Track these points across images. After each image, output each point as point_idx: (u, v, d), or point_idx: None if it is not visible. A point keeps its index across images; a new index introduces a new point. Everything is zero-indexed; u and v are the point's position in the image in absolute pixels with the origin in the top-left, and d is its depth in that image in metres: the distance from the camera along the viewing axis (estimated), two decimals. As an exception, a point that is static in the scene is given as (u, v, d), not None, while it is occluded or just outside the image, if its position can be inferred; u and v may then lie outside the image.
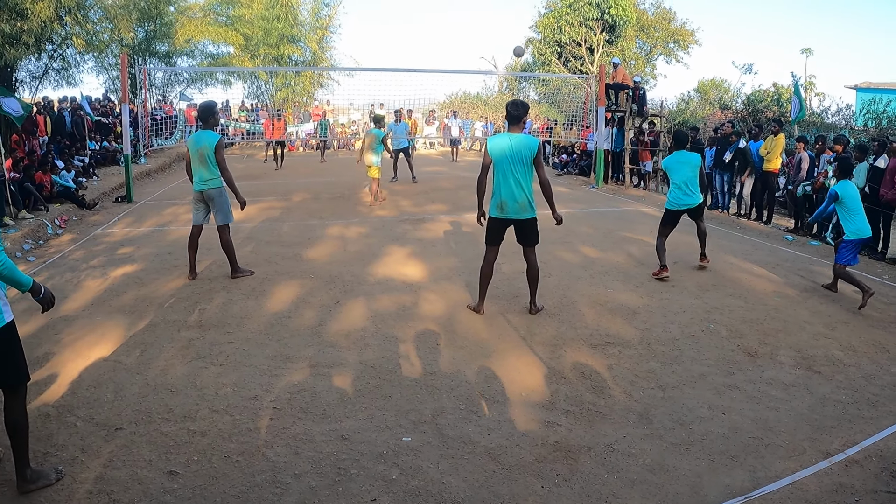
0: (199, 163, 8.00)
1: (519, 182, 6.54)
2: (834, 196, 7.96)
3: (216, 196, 8.09)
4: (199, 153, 7.95)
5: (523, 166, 6.54)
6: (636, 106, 18.88)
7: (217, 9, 31.56)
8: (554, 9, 40.89)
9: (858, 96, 34.57)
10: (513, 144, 6.52)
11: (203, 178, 8.03)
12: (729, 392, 5.28)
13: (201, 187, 8.07)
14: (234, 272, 8.33)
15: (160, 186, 17.92)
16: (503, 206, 6.62)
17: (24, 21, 18.19)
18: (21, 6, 18.04)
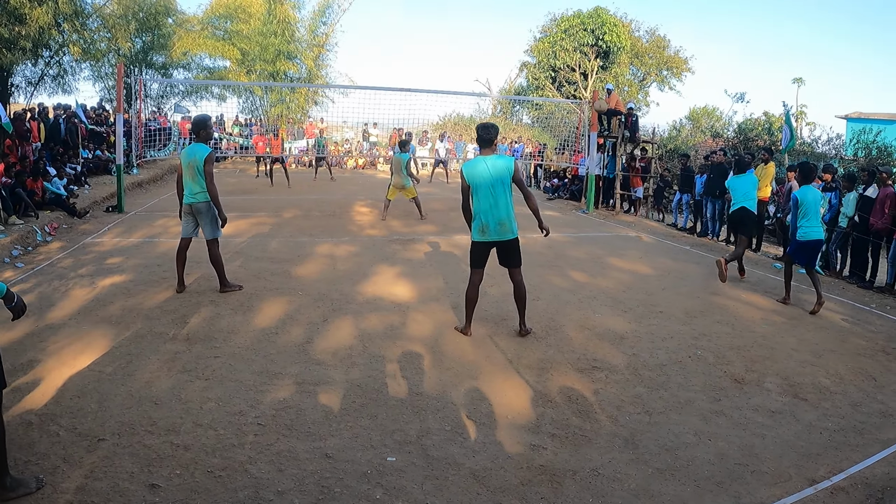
0: (189, 176, 8.01)
1: (499, 203, 6.55)
2: (795, 200, 8.81)
3: (204, 210, 8.07)
4: (190, 166, 7.96)
5: (503, 187, 6.55)
6: (628, 132, 18.99)
7: (215, 22, 31.67)
8: (549, 34, 41.30)
9: (849, 126, 34.86)
10: (489, 167, 6.53)
11: (192, 192, 8.03)
12: (715, 418, 5.28)
13: (190, 200, 8.07)
14: (223, 286, 8.30)
15: (151, 198, 17.88)
16: (485, 230, 6.62)
17: (23, 26, 18.25)
18: (20, 11, 18.10)
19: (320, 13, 33.75)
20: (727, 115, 39.76)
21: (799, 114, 43.98)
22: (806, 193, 8.84)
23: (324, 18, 33.91)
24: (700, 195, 15.51)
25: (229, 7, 30.87)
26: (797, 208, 8.85)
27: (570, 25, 39.51)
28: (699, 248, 13.58)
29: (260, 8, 30.60)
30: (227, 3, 30.92)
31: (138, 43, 28.64)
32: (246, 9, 30.45)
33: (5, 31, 17.90)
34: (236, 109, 33.71)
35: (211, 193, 8.01)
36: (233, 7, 30.76)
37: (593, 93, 19.07)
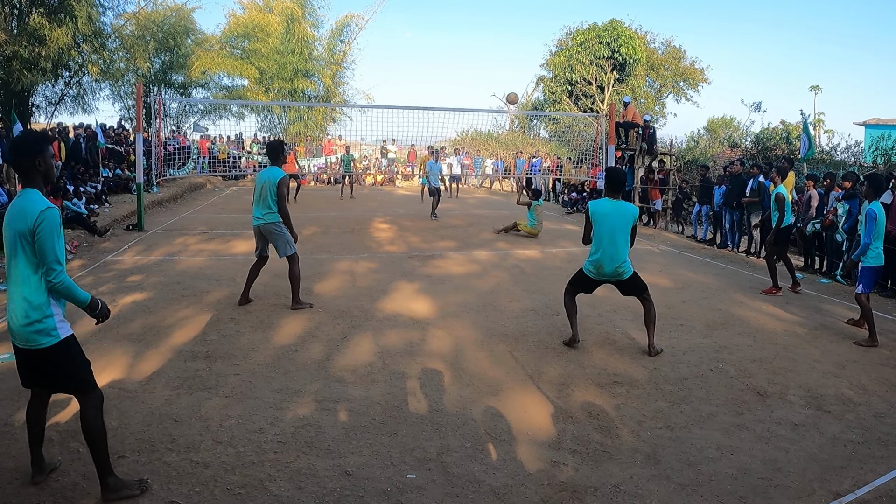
0: (258, 198, 8.25)
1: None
2: (874, 216, 7.79)
3: (274, 230, 8.31)
4: (263, 188, 8.19)
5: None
6: (646, 144, 18.96)
7: (233, 42, 32.05)
8: (565, 47, 41.41)
9: (867, 133, 34.61)
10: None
11: (260, 213, 8.28)
12: (738, 432, 5.23)
13: (258, 223, 8.33)
14: (295, 303, 8.46)
15: (171, 216, 18.03)
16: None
17: (43, 47, 18.49)
18: (40, 32, 18.35)
19: (338, 31, 34.13)
20: (745, 124, 39.70)
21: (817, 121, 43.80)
22: (880, 210, 7.88)
23: (341, 36, 34.30)
24: (719, 206, 15.43)
25: (247, 26, 31.23)
26: (873, 223, 7.79)
27: (586, 39, 39.60)
28: (719, 260, 13.50)
29: (278, 27, 30.91)
30: (246, 23, 31.28)
31: (157, 63, 28.95)
32: (264, 28, 30.78)
33: (25, 52, 18.15)
34: (255, 127, 34.02)
35: (283, 213, 8.23)
36: (251, 26, 31.11)
37: (610, 106, 19.02)
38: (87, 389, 3.99)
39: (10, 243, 3.73)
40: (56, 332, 3.80)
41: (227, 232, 14.78)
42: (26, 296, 3.74)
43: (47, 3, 19.23)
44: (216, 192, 25.89)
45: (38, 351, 3.78)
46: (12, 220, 3.70)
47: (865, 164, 23.01)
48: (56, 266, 3.70)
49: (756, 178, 14.21)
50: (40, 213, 3.64)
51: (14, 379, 5.76)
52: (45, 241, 3.65)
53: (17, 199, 3.78)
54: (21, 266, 3.73)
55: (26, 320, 3.73)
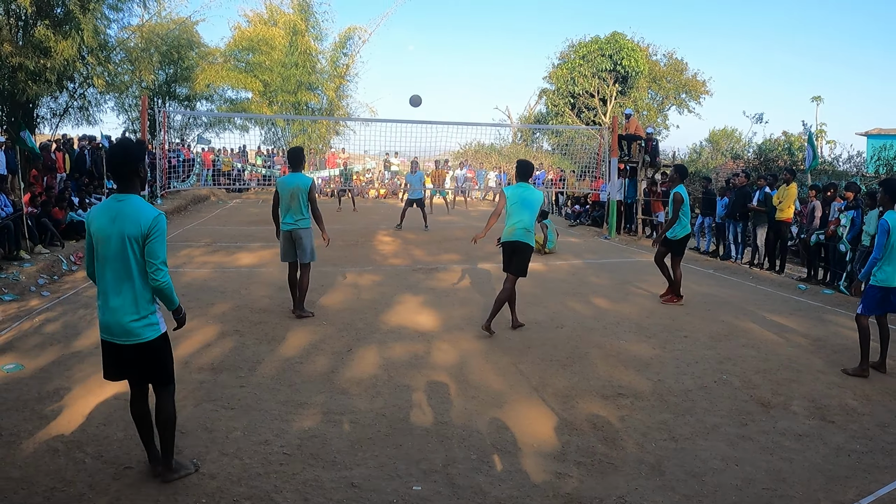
0: (290, 203, 8.44)
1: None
2: (887, 227, 6.88)
3: (304, 236, 8.52)
4: (293, 194, 8.38)
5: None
6: (648, 157, 19.01)
7: (237, 55, 32.16)
8: (567, 60, 41.54)
9: (869, 143, 34.64)
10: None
11: (295, 219, 8.49)
12: (742, 443, 5.25)
13: (291, 227, 8.49)
14: (298, 310, 8.68)
15: (175, 228, 18.02)
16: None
17: (48, 59, 18.57)
18: (45, 44, 18.44)
19: (341, 44, 34.25)
20: (747, 136, 39.73)
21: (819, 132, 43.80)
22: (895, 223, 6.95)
23: (345, 50, 34.42)
24: (722, 218, 15.46)
25: (251, 40, 31.37)
26: (886, 236, 6.92)
27: (588, 51, 39.75)
28: (722, 272, 13.52)
29: (282, 40, 31.05)
30: (250, 36, 31.43)
31: (162, 75, 29.03)
32: (268, 41, 30.92)
33: (31, 64, 18.23)
34: (258, 140, 34.12)
35: (317, 216, 8.63)
36: (255, 39, 31.25)
37: (613, 118, 19.08)
38: (172, 380, 4.39)
39: (114, 246, 4.00)
40: (158, 327, 4.20)
41: (232, 244, 14.81)
42: (134, 293, 4.07)
43: (53, 15, 19.35)
44: (220, 205, 25.92)
45: (142, 344, 4.12)
46: (118, 224, 3.97)
47: (868, 174, 23.05)
48: (164, 267, 4.08)
49: (763, 189, 14.24)
50: (154, 218, 4.00)
51: (19, 389, 5.85)
52: (158, 244, 4.02)
53: (116, 203, 4.03)
54: (127, 266, 4.02)
55: (134, 316, 4.07)
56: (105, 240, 3.99)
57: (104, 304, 4.09)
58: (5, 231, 11.41)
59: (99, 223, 4.00)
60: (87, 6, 18.99)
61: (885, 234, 6.89)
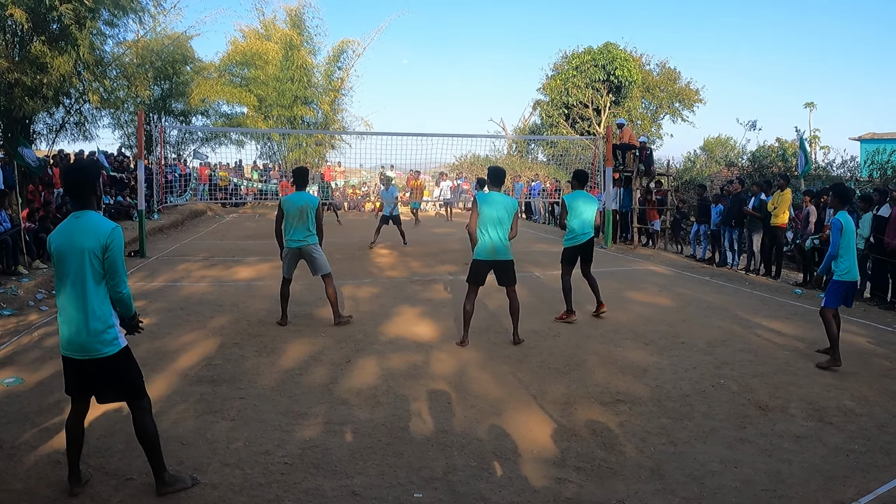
0: (298, 221, 8.62)
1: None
2: (839, 226, 7.43)
3: (315, 251, 8.76)
4: (302, 212, 8.59)
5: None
6: (643, 166, 19.09)
7: (232, 69, 32.24)
8: (561, 71, 41.70)
9: (862, 148, 34.84)
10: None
11: (303, 235, 8.69)
12: (740, 446, 5.28)
13: (299, 244, 8.70)
14: (337, 318, 8.89)
15: (173, 242, 18.11)
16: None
17: (44, 74, 18.60)
18: (41, 60, 18.48)
19: (335, 58, 34.40)
20: (741, 143, 39.94)
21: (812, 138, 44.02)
22: (847, 219, 7.52)
23: (339, 63, 34.56)
24: (717, 225, 15.52)
25: (246, 54, 31.46)
26: (838, 233, 7.45)
27: (582, 62, 39.93)
28: (718, 279, 13.56)
29: (276, 55, 31.13)
30: (244, 51, 31.51)
31: (157, 91, 28.99)
32: (263, 55, 31.00)
33: (28, 80, 18.26)
34: (254, 155, 34.17)
35: (321, 234, 8.88)
36: (249, 54, 31.34)
37: (607, 129, 19.17)
38: (142, 394, 4.36)
39: (73, 261, 4.04)
40: (118, 341, 4.18)
41: (229, 258, 14.84)
42: (93, 308, 4.07)
43: (49, 31, 19.41)
44: (217, 219, 25.99)
45: (102, 360, 4.11)
46: (78, 240, 4.02)
47: (862, 178, 23.16)
48: (125, 278, 4.18)
49: (758, 196, 14.31)
50: (111, 230, 4.07)
51: (19, 402, 5.87)
52: (118, 256, 4.08)
53: (74, 220, 4.10)
54: (87, 281, 4.04)
55: (92, 331, 4.06)
56: (65, 256, 4.04)
57: (64, 319, 4.12)
58: (4, 246, 11.45)
59: (59, 241, 4.07)
60: (83, 22, 19.01)
61: (838, 231, 7.44)
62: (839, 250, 7.49)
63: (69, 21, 18.62)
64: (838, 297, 7.53)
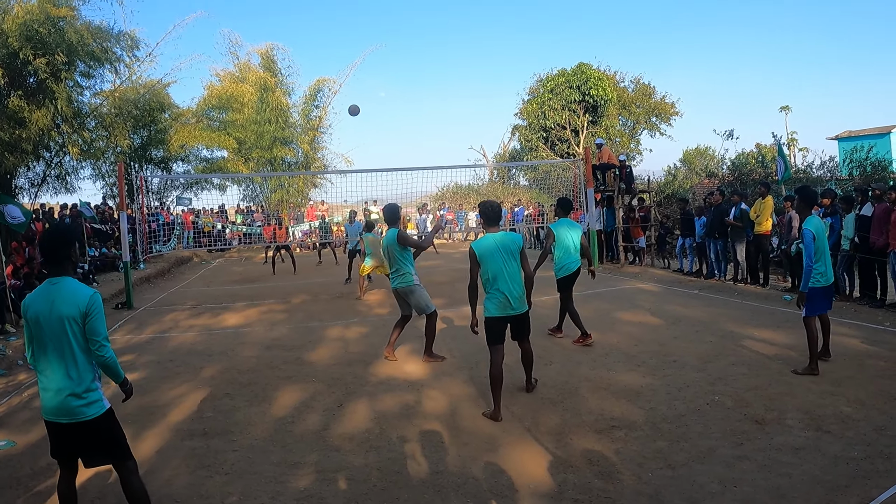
0: (388, 261, 8.89)
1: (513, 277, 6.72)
2: (811, 235, 7.29)
3: (411, 291, 8.85)
4: (389, 250, 8.79)
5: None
6: (624, 184, 19.17)
7: (210, 114, 32.22)
8: (536, 95, 41.92)
9: (840, 147, 35.21)
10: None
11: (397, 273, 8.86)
12: (739, 463, 5.24)
13: (395, 284, 8.93)
14: (428, 355, 8.96)
15: (160, 292, 18.02)
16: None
17: (23, 129, 18.59)
18: (20, 115, 18.47)
19: (312, 97, 34.46)
20: (720, 153, 40.18)
21: (790, 141, 44.37)
22: (817, 224, 7.44)
23: (316, 102, 34.61)
24: (702, 237, 15.56)
25: (221, 98, 31.47)
26: (812, 242, 7.32)
27: (556, 84, 40.19)
28: (707, 291, 13.58)
29: (252, 97, 31.16)
30: (220, 94, 31.53)
31: (136, 139, 28.94)
32: (238, 98, 31.02)
33: (6, 135, 18.24)
34: (237, 198, 34.14)
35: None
36: (225, 98, 31.35)
37: (585, 149, 19.26)
38: (127, 455, 4.37)
39: (53, 328, 4.05)
40: (101, 404, 4.20)
41: (217, 305, 14.77)
42: (74, 374, 4.10)
43: (26, 85, 19.44)
44: (203, 265, 25.93)
45: (85, 423, 4.11)
46: (56, 307, 4.05)
47: (842, 177, 23.33)
48: (107, 342, 4.17)
49: (738, 205, 14.37)
50: (91, 297, 4.10)
51: (12, 466, 5.78)
52: (98, 321, 4.10)
53: (52, 286, 4.14)
54: (67, 347, 4.06)
55: (76, 395, 4.08)
56: (43, 323, 4.06)
57: (46, 385, 4.13)
58: (-11, 305, 11.34)
59: (36, 307, 4.10)
60: (59, 75, 19.07)
61: (811, 240, 7.31)
62: (818, 253, 7.41)
63: (45, 75, 18.67)
64: (819, 304, 7.57)
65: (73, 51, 19.39)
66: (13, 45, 18.10)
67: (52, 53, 18.62)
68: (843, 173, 24.24)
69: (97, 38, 20.59)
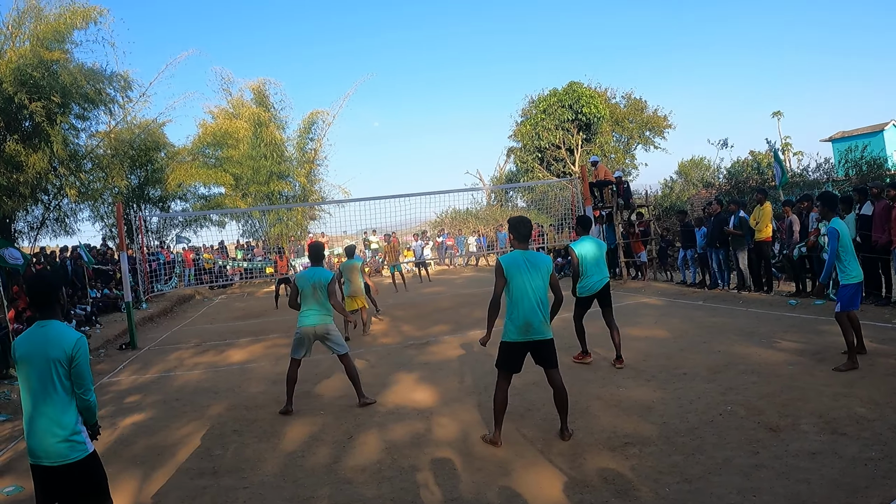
0: (313, 299, 8.45)
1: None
2: (835, 234, 7.67)
3: (331, 330, 8.53)
4: (314, 288, 8.44)
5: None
6: (622, 200, 19.18)
7: (205, 151, 32.26)
8: (529, 116, 42.08)
9: (834, 148, 35.29)
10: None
11: (319, 313, 8.48)
12: (756, 472, 5.17)
13: (316, 321, 8.46)
14: (361, 399, 8.48)
15: (163, 331, 17.97)
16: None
17: (20, 173, 18.64)
18: (16, 159, 18.53)
19: (306, 130, 34.55)
20: (715, 162, 40.29)
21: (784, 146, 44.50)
22: (841, 225, 7.79)
23: (310, 135, 34.70)
24: (702, 248, 15.54)
25: (216, 135, 31.52)
26: (836, 241, 7.70)
27: (549, 105, 40.36)
28: (712, 301, 13.53)
29: (246, 132, 31.23)
30: (214, 132, 31.58)
31: (134, 179, 29.03)
32: (233, 134, 31.09)
33: (4, 180, 18.31)
34: (237, 234, 34.15)
35: (337, 307, 8.68)
36: (220, 134, 31.41)
37: (581, 168, 19.28)
38: (109, 499, 4.38)
39: (39, 369, 4.11)
40: (86, 446, 4.21)
41: (221, 342, 14.70)
42: (59, 415, 4.12)
43: (22, 129, 19.54)
44: (206, 303, 25.87)
45: (69, 465, 4.12)
46: (43, 349, 4.12)
47: (838, 178, 23.36)
48: (91, 386, 4.26)
49: (736, 213, 14.36)
50: (77, 340, 4.18)
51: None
52: (84, 365, 4.18)
53: (39, 329, 4.21)
54: (52, 389, 4.11)
55: (60, 437, 4.10)
56: (31, 364, 4.12)
57: (30, 427, 4.15)
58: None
59: (24, 350, 4.16)
60: (55, 118, 19.18)
61: (835, 239, 7.69)
62: (843, 255, 7.74)
63: (40, 118, 18.76)
64: (853, 299, 7.76)
65: (67, 93, 19.54)
66: (8, 90, 18.23)
67: (46, 97, 18.77)
68: (839, 174, 24.29)
69: (91, 80, 20.75)
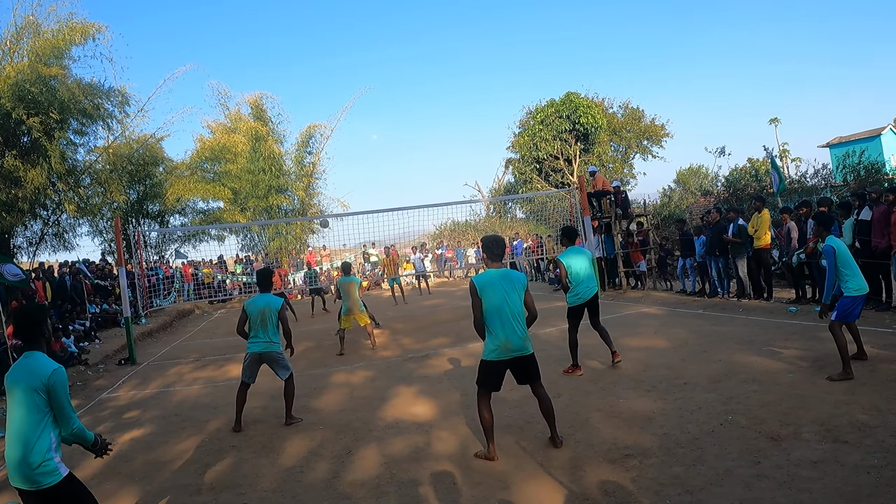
0: (260, 325, 8.54)
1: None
2: (832, 251, 7.71)
3: (277, 355, 8.60)
4: (262, 314, 8.51)
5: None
6: (620, 210, 19.17)
7: (204, 166, 32.29)
8: (527, 127, 42.18)
9: (832, 153, 35.35)
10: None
11: (265, 340, 8.54)
12: (758, 483, 5.13)
13: (261, 348, 8.56)
14: (288, 419, 8.56)
15: (163, 346, 17.94)
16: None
17: (19, 188, 18.65)
18: (15, 174, 18.54)
19: (304, 144, 34.59)
20: (713, 170, 40.36)
21: (782, 152, 44.57)
22: (838, 243, 7.85)
23: (308, 148, 34.75)
24: (702, 256, 15.52)
25: (214, 150, 31.56)
26: (833, 259, 7.72)
27: (546, 115, 40.46)
28: (712, 310, 13.50)
29: (244, 147, 31.29)
30: (212, 146, 31.62)
31: (132, 194, 29.06)
32: (231, 149, 31.17)
33: (2, 195, 18.32)
34: (236, 248, 34.15)
35: (288, 336, 8.81)
36: (217, 149, 31.46)
37: (579, 178, 19.30)
38: None
39: (18, 396, 4.25)
40: (59, 472, 4.25)
41: (220, 356, 14.68)
42: (32, 441, 4.20)
43: (20, 144, 19.56)
44: (205, 318, 25.84)
45: (46, 490, 4.20)
46: (23, 378, 4.26)
47: (836, 183, 23.36)
48: (73, 414, 4.35)
49: (735, 221, 14.35)
50: (53, 372, 4.26)
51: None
52: (60, 394, 4.26)
53: (24, 360, 4.36)
54: (26, 415, 4.22)
55: (32, 464, 4.17)
56: (12, 392, 4.27)
57: (7, 452, 4.25)
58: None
59: (10, 378, 4.31)
60: (53, 133, 19.19)
61: (832, 257, 7.71)
62: (843, 270, 7.72)
63: (38, 133, 18.78)
64: (851, 311, 7.74)
65: (65, 109, 19.58)
66: (6, 106, 18.27)
67: (44, 112, 18.81)
68: (837, 180, 24.29)
69: (89, 96, 20.79)
